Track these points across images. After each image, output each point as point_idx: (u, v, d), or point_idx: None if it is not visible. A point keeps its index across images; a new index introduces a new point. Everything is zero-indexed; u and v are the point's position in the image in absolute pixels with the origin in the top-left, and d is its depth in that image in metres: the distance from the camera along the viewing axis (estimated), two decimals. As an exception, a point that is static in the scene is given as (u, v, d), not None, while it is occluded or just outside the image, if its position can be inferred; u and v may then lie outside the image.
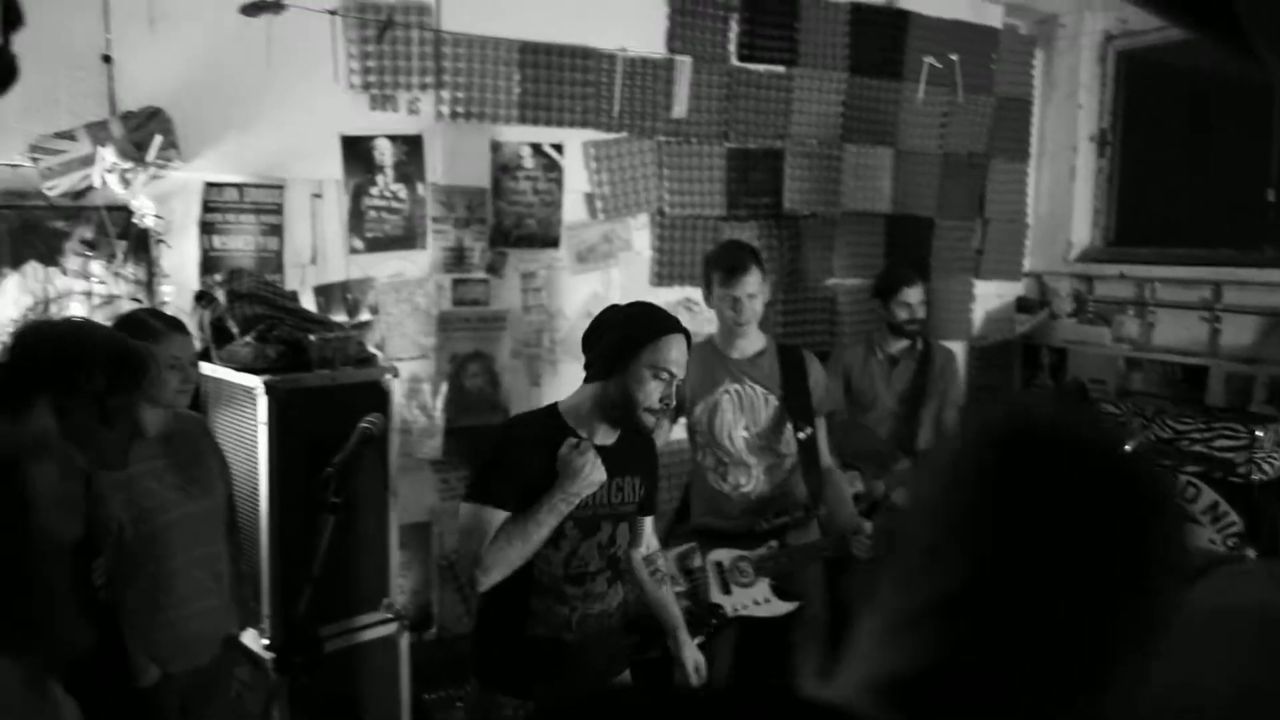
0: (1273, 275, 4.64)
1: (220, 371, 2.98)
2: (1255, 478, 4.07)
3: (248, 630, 2.85)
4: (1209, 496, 4.13)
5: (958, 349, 4.94)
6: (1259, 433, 4.09)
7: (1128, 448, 0.83)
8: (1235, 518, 4.06)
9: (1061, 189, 5.61)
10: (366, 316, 3.72)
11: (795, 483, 3.37)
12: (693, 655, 2.86)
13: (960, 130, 5.28)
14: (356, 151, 3.70)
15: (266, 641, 2.82)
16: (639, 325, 2.42)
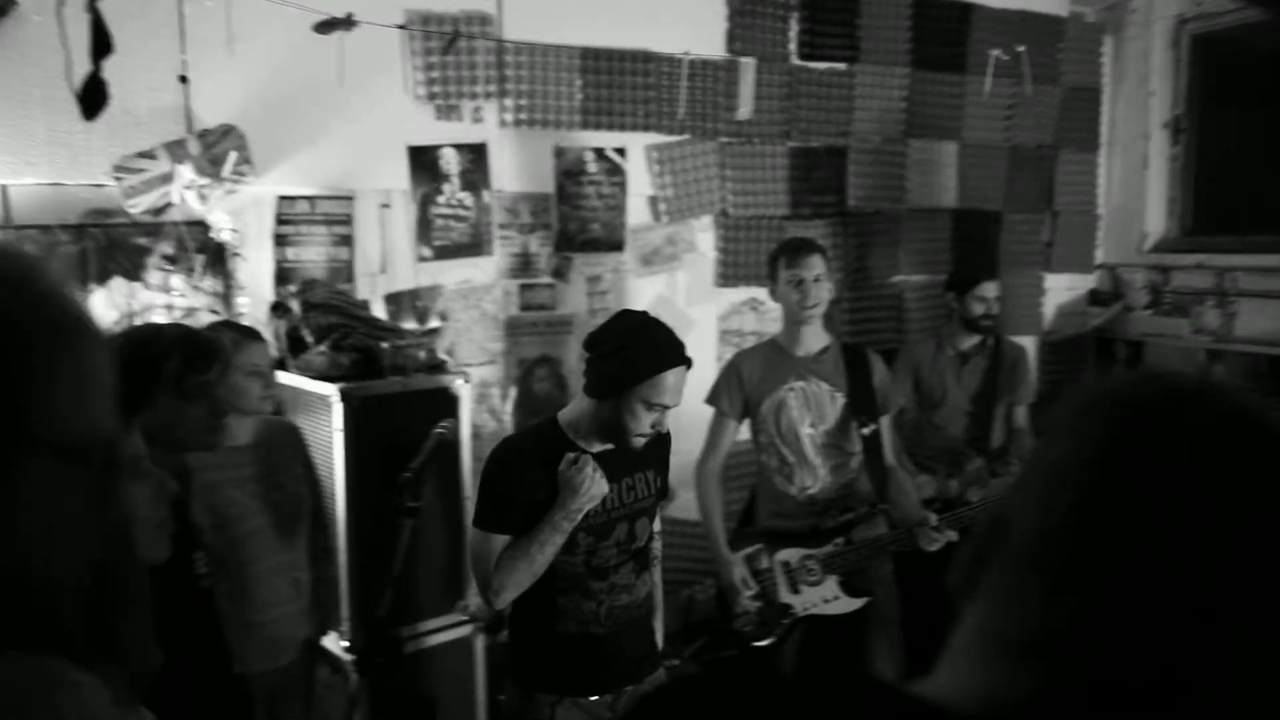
0: (1361, 261, 4.48)
1: (296, 380, 3.05)
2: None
3: (329, 634, 2.92)
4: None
5: (1028, 344, 4.86)
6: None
7: None
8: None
9: (1134, 178, 5.48)
10: (436, 323, 3.78)
11: (860, 479, 3.35)
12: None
13: (1027, 122, 5.18)
14: (423, 161, 3.76)
15: (346, 644, 2.87)
16: (638, 358, 2.35)
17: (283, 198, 3.52)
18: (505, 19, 3.86)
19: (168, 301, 3.35)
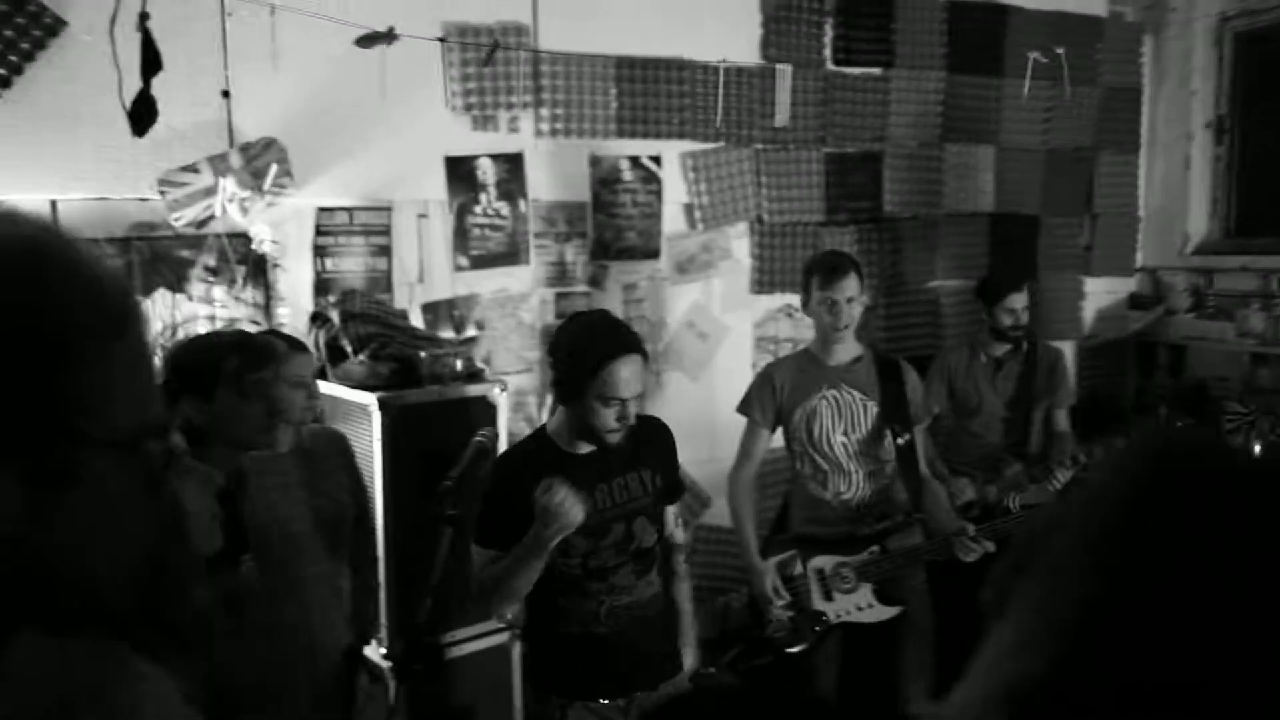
0: None
1: (335, 389, 3.09)
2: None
3: (370, 642, 2.94)
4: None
5: (1067, 349, 4.80)
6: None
7: (1257, 449, 0.72)
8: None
9: (1176, 180, 5.40)
10: (473, 332, 3.81)
11: (895, 487, 3.34)
12: (691, 664, 2.75)
13: (1065, 124, 5.13)
14: (459, 172, 3.80)
15: (384, 650, 2.91)
16: (582, 357, 2.40)
17: (322, 209, 3.57)
18: (540, 30, 3.89)
19: (210, 313, 3.40)
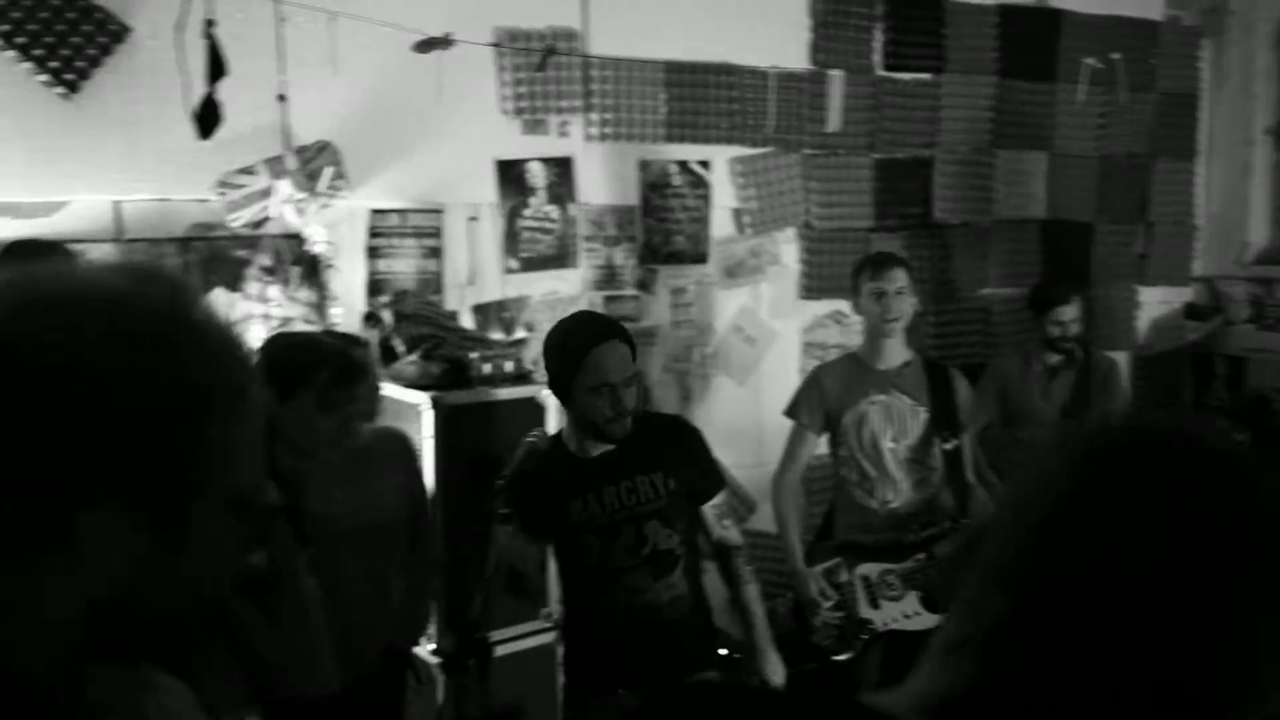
0: None
1: (387, 389, 3.12)
2: None
3: (418, 644, 2.95)
4: None
5: (1121, 359, 4.73)
6: None
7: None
8: None
9: (1235, 187, 5.30)
10: (522, 334, 3.83)
11: (942, 494, 3.31)
12: (776, 671, 2.74)
13: (1119, 130, 5.06)
14: (510, 175, 3.84)
15: (434, 647, 2.93)
16: (564, 354, 2.46)
17: (375, 211, 3.62)
18: (591, 35, 3.92)
19: (265, 311, 3.46)
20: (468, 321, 3.71)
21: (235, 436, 0.74)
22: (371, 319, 3.39)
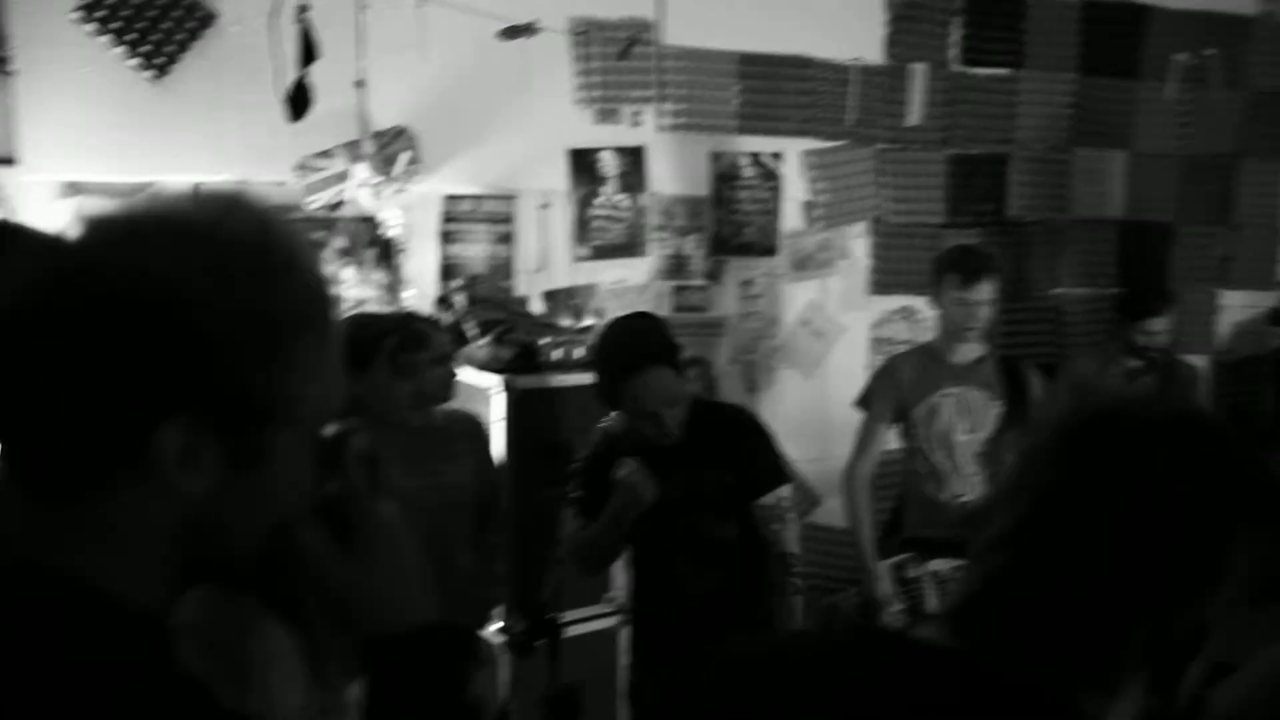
0: None
1: (458, 372, 3.15)
2: None
3: (482, 625, 2.97)
4: None
5: (1201, 364, 4.61)
6: None
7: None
8: None
9: (1326, 190, 5.12)
10: (590, 321, 3.85)
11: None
12: None
13: (1204, 129, 4.92)
14: (582, 163, 3.85)
15: (502, 625, 2.95)
16: (608, 373, 2.47)
17: (449, 196, 3.66)
18: (666, 25, 3.91)
19: (339, 293, 3.52)
20: (537, 307, 3.73)
21: (314, 363, 0.75)
22: (444, 303, 3.42)
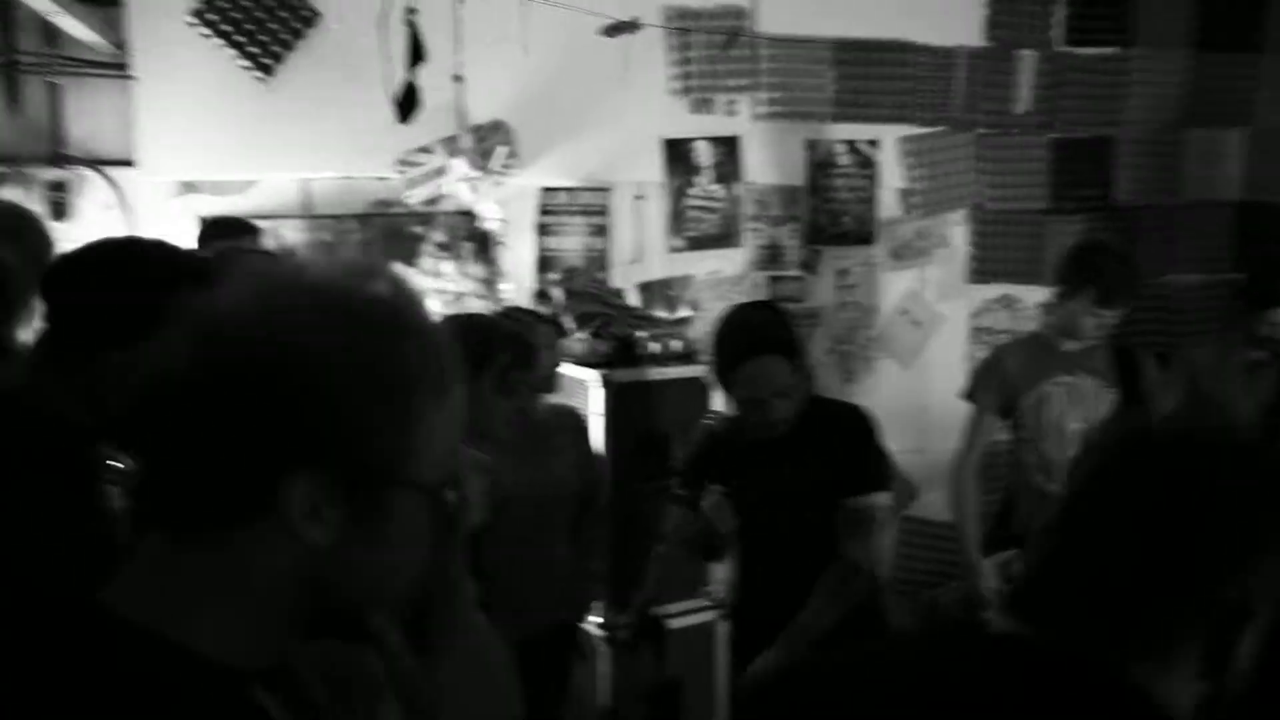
0: None
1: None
2: None
3: (583, 620, 2.97)
4: None
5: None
6: None
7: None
8: None
9: None
10: (686, 313, 3.84)
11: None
12: None
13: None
14: (677, 154, 3.84)
15: (601, 620, 2.97)
16: (720, 359, 2.45)
17: (545, 189, 3.68)
18: (760, 14, 3.87)
19: (438, 286, 3.57)
20: (633, 299, 3.74)
21: (437, 428, 0.77)
22: (542, 296, 3.45)
